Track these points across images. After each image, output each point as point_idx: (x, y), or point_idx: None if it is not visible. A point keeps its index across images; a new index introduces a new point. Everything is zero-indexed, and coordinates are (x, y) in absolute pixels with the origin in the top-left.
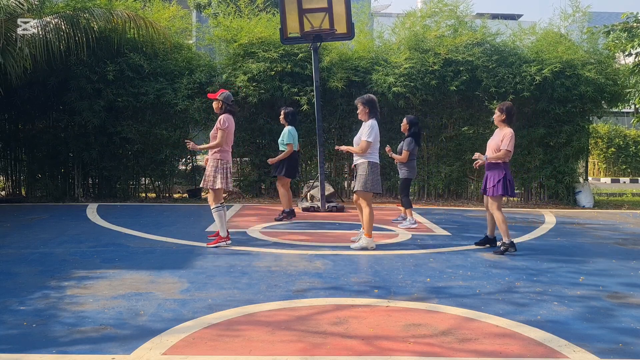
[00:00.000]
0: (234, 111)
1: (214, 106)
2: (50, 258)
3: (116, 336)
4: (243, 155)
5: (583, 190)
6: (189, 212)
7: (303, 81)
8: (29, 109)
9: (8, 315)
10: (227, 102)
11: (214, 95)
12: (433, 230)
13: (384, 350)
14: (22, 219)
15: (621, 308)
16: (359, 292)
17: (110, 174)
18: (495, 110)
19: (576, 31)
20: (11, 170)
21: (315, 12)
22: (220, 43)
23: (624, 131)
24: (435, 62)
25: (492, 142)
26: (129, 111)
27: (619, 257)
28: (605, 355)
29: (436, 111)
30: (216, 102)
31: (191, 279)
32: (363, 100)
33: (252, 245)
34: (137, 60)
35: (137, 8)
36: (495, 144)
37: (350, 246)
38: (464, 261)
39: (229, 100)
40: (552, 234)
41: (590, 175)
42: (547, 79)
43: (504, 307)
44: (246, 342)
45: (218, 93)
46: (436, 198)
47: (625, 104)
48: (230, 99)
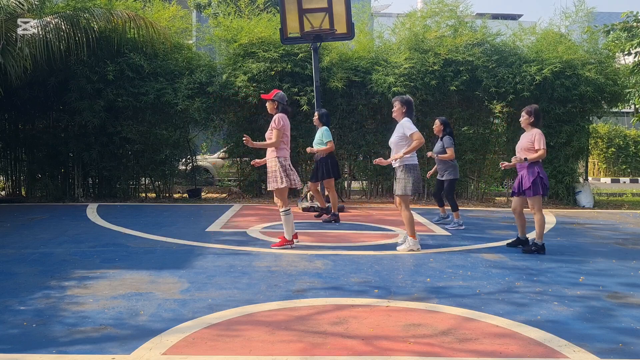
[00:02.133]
0: (288, 110)
1: (268, 107)
2: (50, 258)
3: (116, 336)
4: (243, 155)
5: (583, 190)
6: (189, 212)
7: (303, 81)
8: (29, 109)
9: (8, 315)
10: (282, 101)
11: (268, 96)
12: (433, 230)
13: (383, 350)
14: (22, 219)
15: (621, 308)
16: (359, 292)
17: (110, 174)
18: (523, 114)
19: (576, 31)
20: (11, 170)
21: (315, 12)
22: (220, 43)
23: (624, 131)
24: (436, 62)
25: (523, 144)
26: (129, 111)
27: (619, 257)
28: (605, 355)
29: (436, 111)
30: (270, 102)
31: (191, 279)
32: (402, 100)
33: (252, 245)
34: (137, 60)
35: (137, 8)
36: (526, 145)
37: (396, 248)
38: (464, 261)
39: (284, 100)
40: (552, 234)
41: (590, 175)
42: (547, 79)
43: (504, 307)
44: (246, 342)
45: (272, 94)
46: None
47: (625, 104)
48: (284, 99)
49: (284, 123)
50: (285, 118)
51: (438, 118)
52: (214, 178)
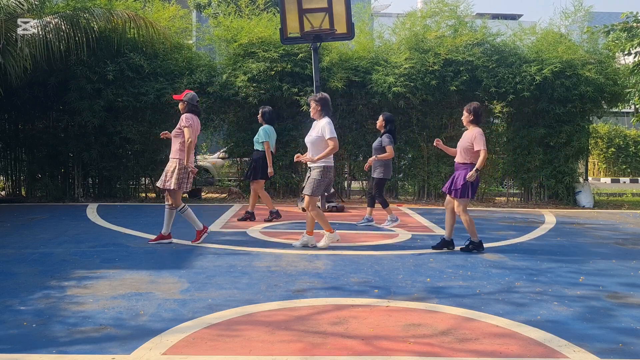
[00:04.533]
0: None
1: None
2: (50, 258)
3: (116, 336)
4: (243, 155)
5: (583, 190)
6: None
7: (303, 81)
8: (29, 109)
9: (8, 315)
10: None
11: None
12: (433, 230)
13: (383, 350)
14: (22, 219)
15: (621, 308)
16: (359, 292)
17: (110, 174)
18: (464, 111)
19: (576, 31)
20: (11, 170)
21: (315, 12)
22: (220, 43)
23: (624, 131)
24: (436, 62)
25: (462, 143)
26: (129, 111)
27: (619, 257)
28: (605, 355)
29: (436, 111)
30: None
31: (191, 279)
32: (316, 99)
33: (252, 245)
34: (137, 60)
35: (137, 8)
36: (465, 144)
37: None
38: (464, 261)
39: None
40: (552, 234)
41: (590, 175)
42: (547, 79)
43: (504, 307)
44: (246, 342)
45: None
46: (436, 198)
47: (625, 104)
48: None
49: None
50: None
51: (383, 113)
52: (214, 178)
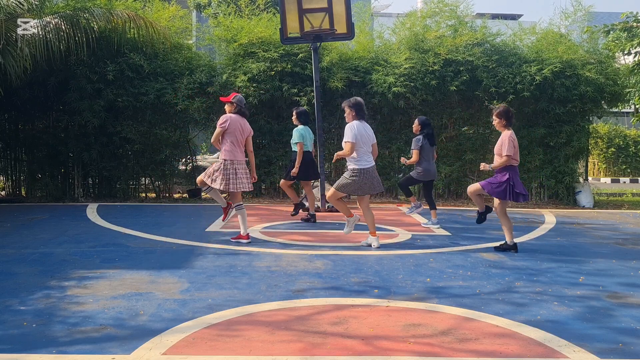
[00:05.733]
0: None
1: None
2: (50, 258)
3: (116, 336)
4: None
5: (583, 190)
6: (189, 212)
7: (303, 81)
8: (29, 109)
9: (8, 315)
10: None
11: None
12: (433, 230)
13: (383, 350)
14: (22, 219)
15: (621, 308)
16: (359, 292)
17: (110, 174)
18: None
19: (576, 31)
20: (11, 170)
21: (315, 12)
22: (220, 43)
23: (624, 131)
24: (436, 62)
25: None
26: (129, 111)
27: (618, 257)
28: (605, 355)
29: (436, 111)
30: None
31: (191, 279)
32: (349, 104)
33: (252, 245)
34: (137, 60)
35: (137, 8)
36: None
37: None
38: (464, 261)
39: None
40: (552, 234)
41: (590, 175)
42: (547, 79)
43: (504, 307)
44: (246, 342)
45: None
46: (436, 198)
47: (625, 104)
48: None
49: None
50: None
51: (417, 117)
52: None
